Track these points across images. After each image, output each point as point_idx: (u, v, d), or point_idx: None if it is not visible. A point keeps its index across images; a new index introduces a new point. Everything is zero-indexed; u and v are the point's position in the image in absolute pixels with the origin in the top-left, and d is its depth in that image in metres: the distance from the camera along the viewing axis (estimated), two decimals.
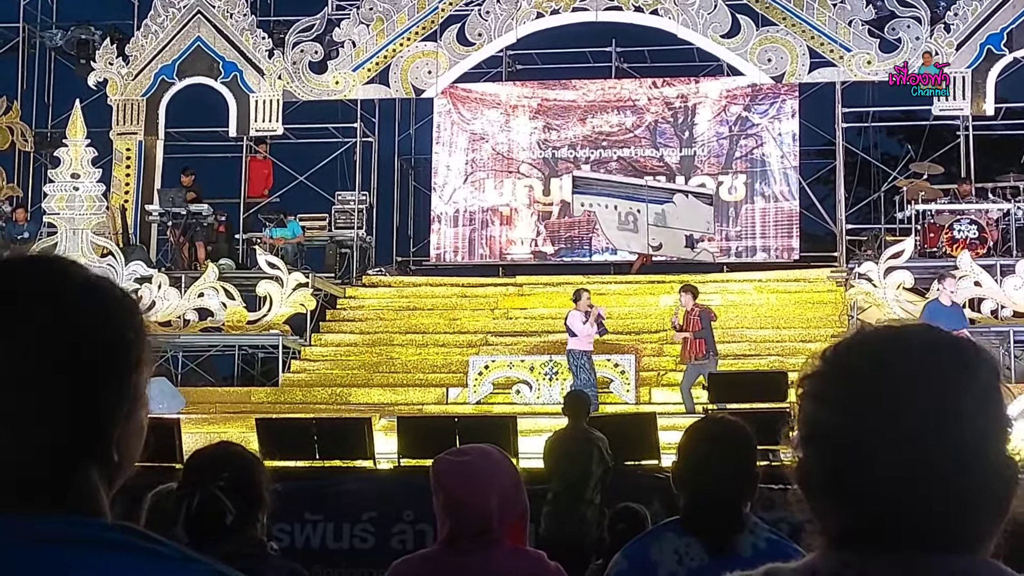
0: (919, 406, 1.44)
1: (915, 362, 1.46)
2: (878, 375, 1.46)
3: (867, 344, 1.51)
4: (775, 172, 23.62)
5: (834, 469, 1.47)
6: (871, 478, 1.44)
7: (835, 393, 1.49)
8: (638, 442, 12.66)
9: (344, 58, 23.72)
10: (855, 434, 1.45)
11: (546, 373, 18.37)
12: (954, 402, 1.44)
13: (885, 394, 1.45)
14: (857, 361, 1.50)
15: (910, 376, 1.45)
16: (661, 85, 24.40)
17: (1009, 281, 19.26)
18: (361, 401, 19.12)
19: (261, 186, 24.32)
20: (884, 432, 1.44)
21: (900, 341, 1.51)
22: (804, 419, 1.52)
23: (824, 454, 1.48)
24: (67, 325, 1.40)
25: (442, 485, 3.69)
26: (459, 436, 12.75)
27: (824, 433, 1.49)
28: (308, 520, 11.89)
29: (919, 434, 1.43)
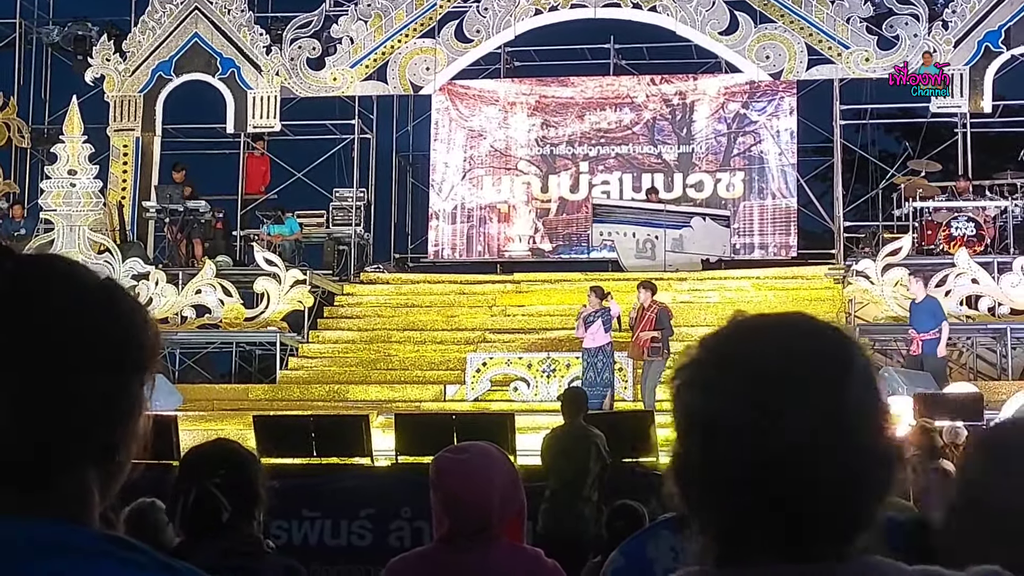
0: (799, 392, 1.44)
1: (795, 350, 1.47)
2: (758, 362, 1.46)
3: (747, 332, 1.52)
4: (773, 169, 23.63)
5: (714, 458, 1.46)
6: (751, 465, 1.43)
7: (715, 381, 1.48)
8: (636, 439, 12.66)
9: (342, 55, 23.70)
10: (735, 420, 1.44)
11: (544, 370, 18.36)
12: (833, 389, 1.45)
13: (765, 380, 1.45)
14: (736, 349, 1.49)
15: (789, 363, 1.46)
16: (659, 82, 24.40)
17: (1006, 278, 19.26)
18: (359, 398, 19.10)
19: (259, 183, 24.29)
20: (764, 418, 1.43)
21: (780, 329, 1.52)
22: (682, 409, 1.51)
23: (704, 443, 1.47)
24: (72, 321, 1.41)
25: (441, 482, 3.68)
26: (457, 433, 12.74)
27: (703, 422, 1.47)
28: (306, 517, 11.88)
29: (799, 420, 1.43)
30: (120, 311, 1.45)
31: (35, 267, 1.45)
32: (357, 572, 12.00)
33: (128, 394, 1.43)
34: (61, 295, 1.42)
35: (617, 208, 23.40)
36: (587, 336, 17.26)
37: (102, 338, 1.42)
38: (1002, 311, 19.23)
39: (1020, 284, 19.15)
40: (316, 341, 21.31)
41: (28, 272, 1.43)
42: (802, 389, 1.45)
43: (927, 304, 17.46)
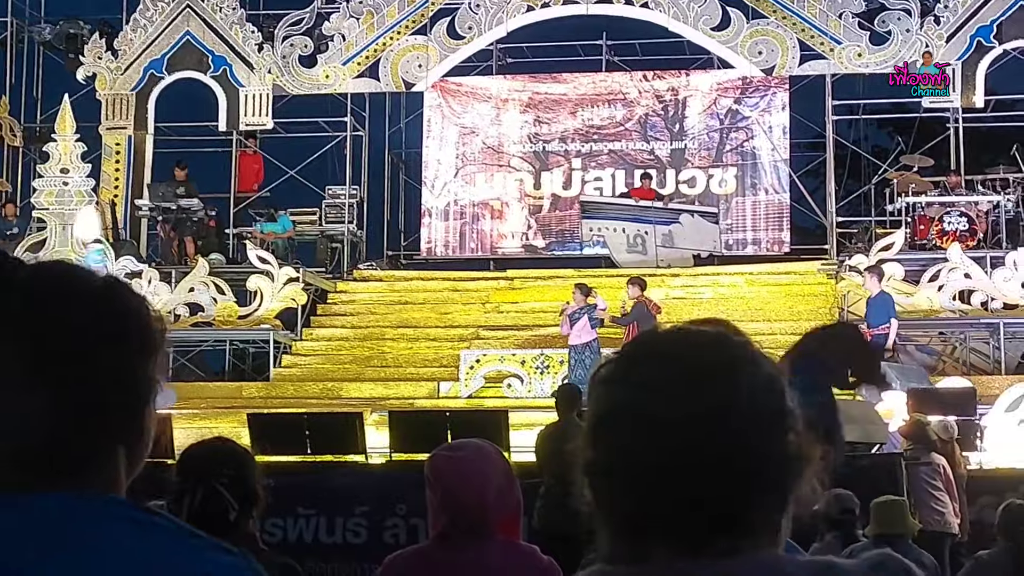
0: (695, 395, 1.51)
1: (692, 357, 1.55)
2: (661, 364, 1.55)
3: (658, 339, 1.62)
4: (765, 165, 23.64)
5: (618, 451, 1.53)
6: (654, 462, 1.50)
7: (622, 376, 1.57)
8: None
9: (334, 52, 23.69)
10: (635, 416, 1.52)
11: (537, 367, 18.38)
12: (726, 396, 1.52)
13: (665, 380, 1.53)
14: (644, 351, 1.59)
15: (687, 368, 1.54)
16: (652, 78, 24.40)
17: (999, 273, 19.30)
18: (352, 395, 19.11)
19: (251, 181, 24.27)
20: (661, 416, 1.50)
21: (686, 338, 1.60)
22: (592, 405, 1.60)
23: (610, 435, 1.55)
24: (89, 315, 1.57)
25: (437, 480, 3.68)
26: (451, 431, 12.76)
27: (610, 414, 1.56)
28: (301, 515, 11.87)
29: (695, 421, 1.50)
30: (128, 302, 1.60)
31: (47, 272, 1.61)
32: (352, 569, 12.00)
33: (145, 376, 1.59)
34: (74, 295, 1.57)
35: (606, 205, 23.40)
36: (572, 333, 17.30)
37: (117, 328, 1.57)
38: (995, 306, 19.26)
39: (1013, 279, 19.18)
40: (309, 339, 21.31)
41: (42, 277, 1.59)
42: (701, 391, 1.52)
43: (880, 299, 17.46)
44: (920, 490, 11.65)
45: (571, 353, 17.35)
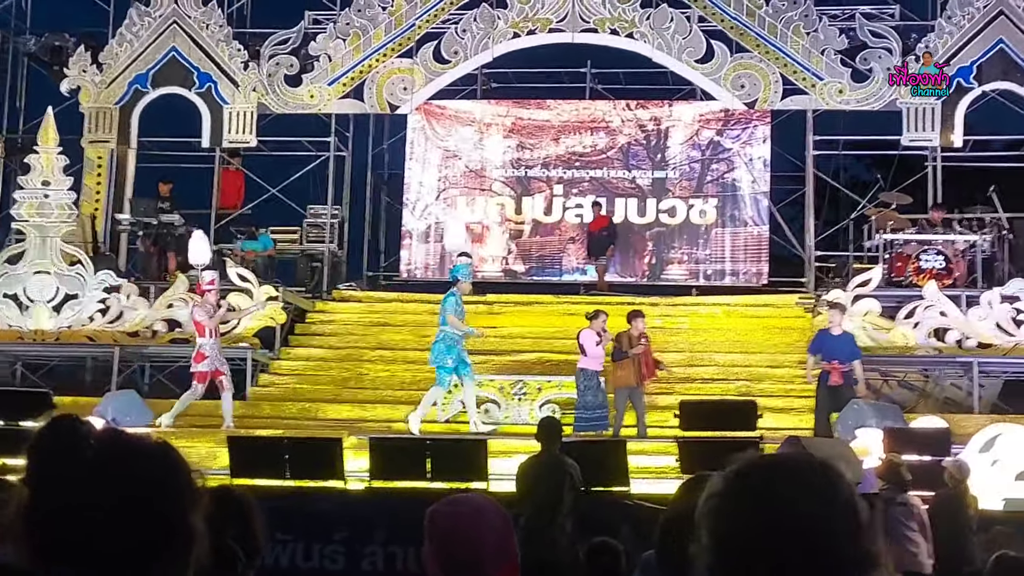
0: (796, 514, 1.93)
1: (793, 483, 1.97)
2: (767, 497, 1.96)
3: (760, 471, 2.02)
4: (746, 197, 23.80)
5: (725, 567, 1.94)
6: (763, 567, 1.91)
7: (737, 509, 1.97)
8: (607, 468, 12.75)
9: (320, 72, 23.75)
10: (753, 538, 1.93)
11: (515, 393, 18.45)
12: (822, 519, 1.93)
13: (772, 508, 1.95)
14: (752, 487, 1.99)
15: (790, 499, 1.95)
16: (635, 107, 24.56)
17: (974, 312, 19.46)
18: (330, 417, 19.13)
19: (233, 198, 24.30)
20: (771, 539, 1.92)
21: (783, 471, 2.02)
22: (710, 530, 1.98)
23: (719, 555, 1.95)
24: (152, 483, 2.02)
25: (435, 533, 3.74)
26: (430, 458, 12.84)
27: (722, 541, 1.96)
28: (279, 540, 11.92)
29: (797, 534, 1.92)
30: (179, 470, 2.05)
31: (112, 447, 2.04)
32: None
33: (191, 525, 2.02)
34: (136, 466, 2.01)
35: None
36: (593, 359, 17.25)
37: (171, 491, 2.02)
38: (969, 344, 19.42)
39: (988, 318, 19.35)
40: (287, 358, 21.31)
41: (108, 453, 2.02)
42: (800, 522, 1.93)
43: (847, 337, 17.51)
44: (895, 531, 11.74)
45: (588, 378, 17.30)
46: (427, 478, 12.78)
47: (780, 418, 17.84)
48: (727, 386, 19.20)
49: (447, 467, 12.81)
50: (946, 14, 22.40)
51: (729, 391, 18.93)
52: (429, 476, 12.77)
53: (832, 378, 16.92)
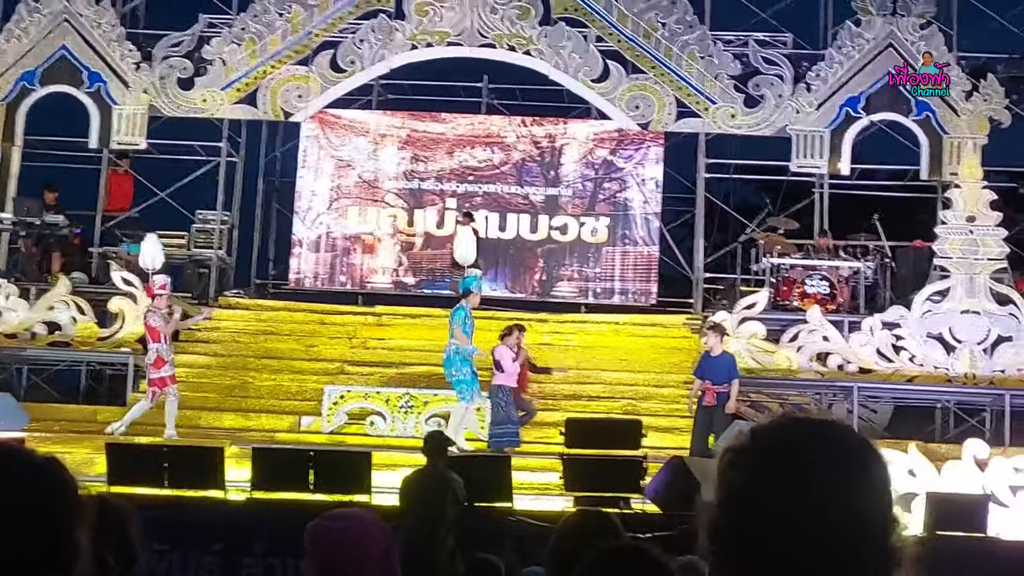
0: (822, 485, 1.77)
1: (825, 452, 1.81)
2: (792, 458, 1.81)
3: (789, 429, 1.86)
4: (637, 217, 23.98)
5: (743, 527, 1.79)
6: (773, 537, 1.76)
7: (755, 463, 1.82)
8: (491, 484, 12.73)
9: (213, 76, 23.47)
10: (767, 499, 1.78)
11: (401, 406, 18.37)
12: (848, 488, 1.79)
13: (795, 472, 1.79)
14: (777, 442, 1.84)
15: (819, 462, 1.80)
16: (530, 124, 24.64)
17: (856, 337, 19.81)
18: (212, 425, 18.89)
19: (121, 201, 23.92)
20: (789, 501, 1.77)
21: (812, 432, 1.85)
22: (725, 483, 1.84)
23: (737, 514, 1.80)
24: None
25: (316, 549, 3.70)
26: (314, 469, 12.72)
27: (741, 498, 1.81)
28: (154, 550, 11.69)
29: (817, 507, 1.76)
30: (67, 485, 2.05)
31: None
32: None
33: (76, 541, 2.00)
34: (24, 482, 1.99)
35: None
36: (510, 375, 17.23)
37: (59, 507, 2.00)
38: (850, 369, 19.76)
39: (868, 344, 19.71)
40: None
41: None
42: (825, 484, 1.78)
43: (725, 358, 17.74)
44: None
45: (501, 395, 17.29)
46: (310, 490, 12.65)
47: (664, 438, 17.96)
48: (613, 404, 19.30)
49: (330, 479, 12.69)
50: (837, 44, 22.81)
51: (615, 409, 19.04)
52: (312, 488, 12.64)
53: (706, 399, 17.15)
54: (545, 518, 12.38)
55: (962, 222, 19.84)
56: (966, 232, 19.78)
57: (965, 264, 19.64)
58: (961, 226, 19.83)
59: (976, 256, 19.71)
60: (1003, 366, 19.46)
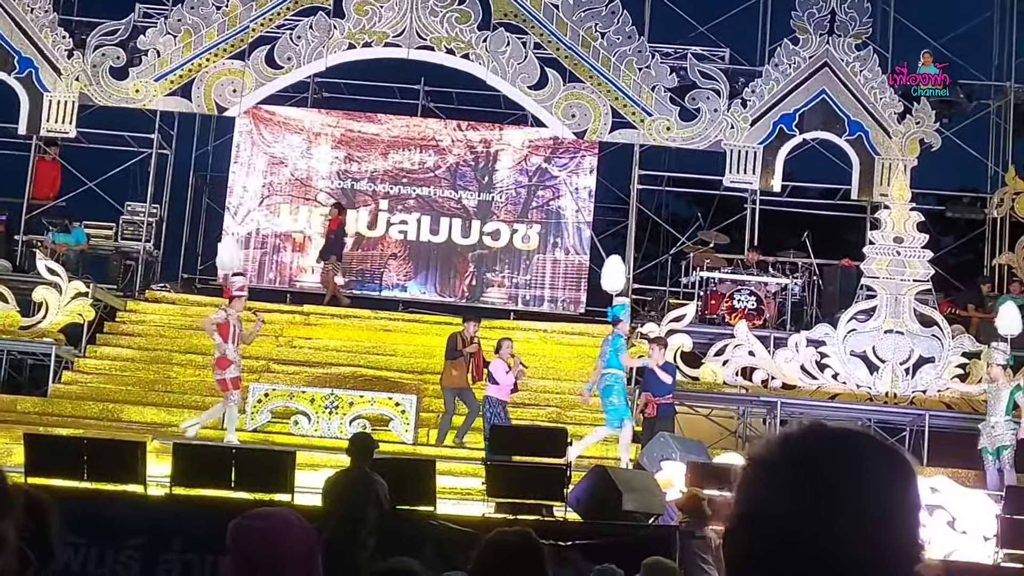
0: (845, 498, 1.69)
1: (845, 463, 1.73)
2: (819, 476, 1.71)
3: (816, 445, 1.76)
4: (569, 225, 24.03)
5: (763, 541, 1.71)
6: (793, 553, 1.68)
7: (780, 476, 1.73)
8: (415, 488, 12.69)
9: (147, 67, 23.22)
10: (789, 517, 1.69)
11: (326, 406, 18.27)
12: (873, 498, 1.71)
13: (818, 493, 1.70)
14: (805, 460, 1.74)
15: (840, 474, 1.72)
16: (465, 128, 24.62)
17: (781, 353, 19.95)
18: (133, 419, 18.72)
19: (48, 188, 23.59)
20: (813, 518, 1.68)
21: (842, 444, 1.76)
22: (747, 498, 1.75)
23: (757, 528, 1.72)
24: None
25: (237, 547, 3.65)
26: (235, 467, 12.62)
27: (762, 512, 1.72)
28: (70, 543, 11.53)
29: (844, 526, 1.68)
30: None
31: None
32: None
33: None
34: None
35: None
36: (504, 387, 17.33)
37: None
38: (775, 384, 19.90)
39: (793, 360, 19.86)
40: (93, 356, 20.77)
41: None
42: (852, 496, 1.70)
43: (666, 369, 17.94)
44: (691, 563, 11.93)
45: (488, 404, 17.33)
46: (231, 487, 12.54)
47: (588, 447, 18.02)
48: (538, 412, 19.32)
49: (252, 478, 12.60)
50: (773, 61, 22.98)
51: (540, 417, 19.06)
52: (233, 486, 12.54)
53: (647, 410, 17.32)
54: (467, 523, 12.37)
55: (890, 242, 20.06)
56: (893, 253, 20.00)
57: (891, 284, 19.85)
58: (888, 246, 20.04)
59: (902, 277, 19.94)
60: (924, 386, 19.69)
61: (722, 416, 20.68)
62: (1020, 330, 18.82)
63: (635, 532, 12.30)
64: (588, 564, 11.73)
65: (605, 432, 17.26)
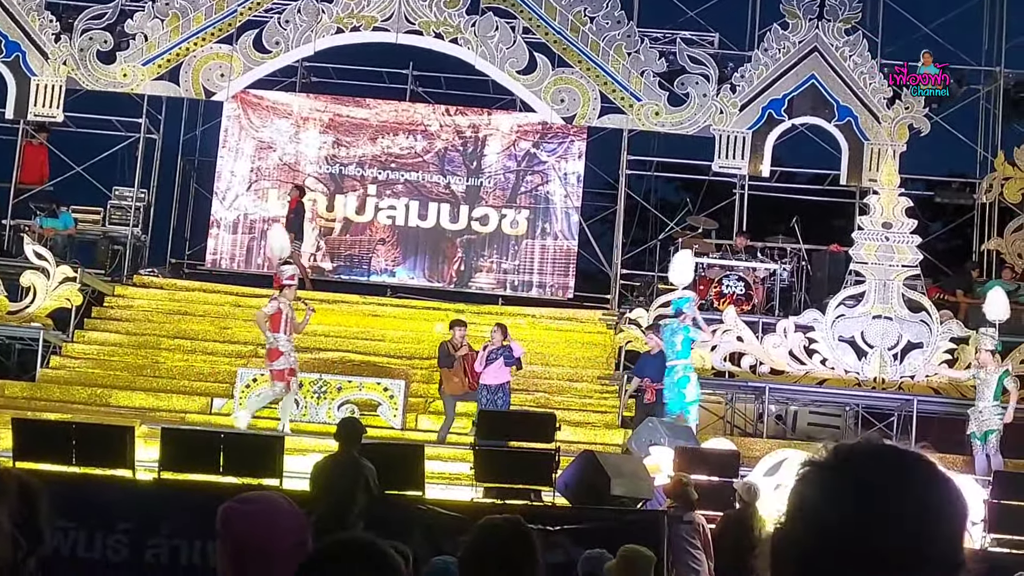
0: (893, 513, 1.75)
1: (902, 481, 1.79)
2: (871, 484, 1.78)
3: (871, 455, 1.83)
4: (557, 210, 24.03)
5: (809, 543, 1.77)
6: (839, 557, 1.74)
7: (834, 487, 1.80)
8: (404, 472, 12.69)
9: (134, 51, 23.14)
10: (838, 521, 1.75)
11: (315, 391, 18.27)
12: (919, 508, 1.77)
13: (868, 499, 1.77)
14: (860, 467, 1.81)
15: (894, 491, 1.78)
16: (454, 113, 24.58)
17: (769, 339, 19.97)
18: (122, 404, 18.69)
19: (36, 174, 23.48)
20: (855, 523, 1.74)
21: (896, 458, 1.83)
22: (800, 498, 1.83)
23: (806, 529, 1.78)
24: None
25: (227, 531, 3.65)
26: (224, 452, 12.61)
27: (812, 513, 1.79)
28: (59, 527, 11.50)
29: (884, 534, 1.74)
30: None
31: None
32: None
33: None
34: None
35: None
36: (488, 372, 17.28)
37: None
38: (763, 370, 19.92)
39: (782, 345, 19.88)
40: (81, 341, 20.73)
41: None
42: (901, 507, 1.76)
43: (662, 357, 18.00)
44: (679, 547, 11.97)
45: (484, 392, 17.30)
46: (219, 472, 12.53)
47: (577, 432, 18.06)
48: (526, 397, 19.33)
49: (240, 462, 12.58)
50: (763, 46, 22.95)
51: (528, 402, 19.07)
52: (222, 470, 12.53)
53: (646, 396, 17.39)
54: (455, 508, 12.38)
55: (878, 228, 20.08)
56: (882, 238, 20.02)
57: (880, 270, 19.87)
58: (877, 232, 20.06)
59: (891, 262, 19.96)
60: (912, 371, 19.73)
61: (710, 402, 20.66)
62: (1008, 315, 18.87)
63: (623, 517, 12.32)
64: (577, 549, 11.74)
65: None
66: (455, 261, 24.09)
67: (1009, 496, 13.97)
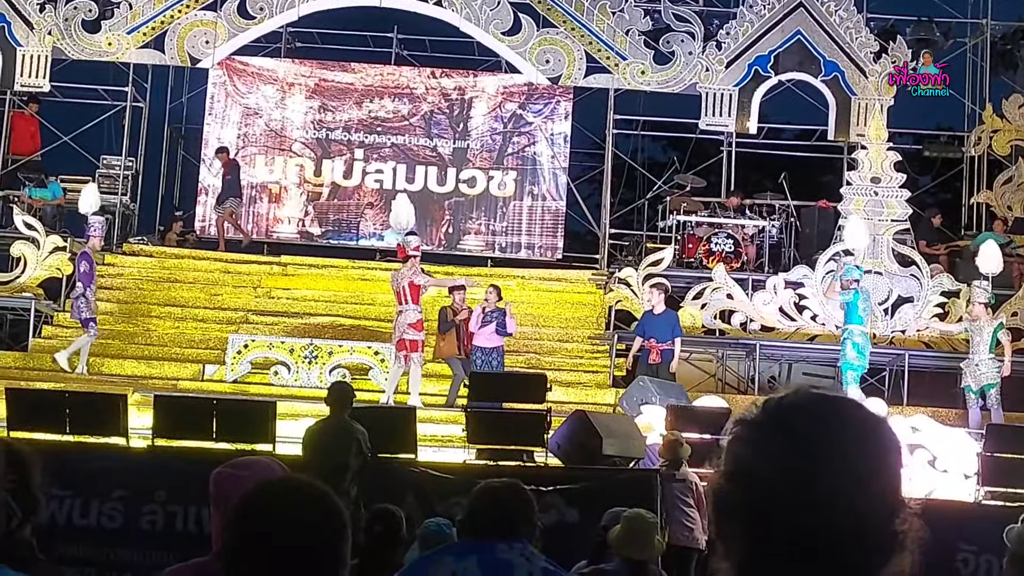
0: (828, 464, 1.74)
1: (832, 430, 1.78)
2: (802, 437, 1.77)
3: (800, 407, 1.82)
4: (545, 171, 24.02)
5: (751, 501, 1.76)
6: (773, 512, 1.74)
7: (761, 436, 1.79)
8: (396, 435, 12.76)
9: (119, 19, 23.06)
10: (772, 476, 1.75)
11: (306, 356, 18.31)
12: (857, 457, 1.75)
13: (801, 448, 1.75)
14: (789, 421, 1.80)
15: (827, 434, 1.77)
16: (439, 76, 24.53)
17: (759, 296, 20.04)
18: (114, 372, 18.73)
19: (27, 144, 23.37)
20: (791, 477, 1.74)
21: (825, 408, 1.82)
22: (733, 457, 1.81)
23: (746, 488, 1.78)
24: None
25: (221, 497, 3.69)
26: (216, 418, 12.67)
27: (749, 472, 1.78)
28: (55, 495, 11.57)
29: (821, 487, 1.73)
30: None
31: None
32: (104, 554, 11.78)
33: None
34: None
35: None
36: (481, 334, 17.30)
37: None
38: (753, 327, 19.99)
39: (772, 302, 19.95)
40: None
41: None
42: (833, 456, 1.75)
43: (668, 316, 18.07)
44: (672, 506, 12.03)
45: (478, 353, 17.32)
46: (212, 439, 12.59)
47: (568, 392, 18.13)
48: (517, 358, 19.38)
49: (233, 428, 12.65)
50: (748, 2, 22.90)
51: (519, 363, 19.13)
52: (215, 437, 12.59)
53: (651, 356, 17.46)
54: (448, 470, 12.45)
55: (867, 183, 20.12)
56: (871, 193, 20.06)
57: (869, 225, 19.92)
58: (866, 187, 20.10)
59: (880, 217, 20.00)
60: (903, 326, 19.81)
61: (701, 359, 20.75)
62: (1001, 268, 18.91)
63: (615, 476, 12.39)
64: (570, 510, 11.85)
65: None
66: (443, 224, 24.11)
67: (1002, 449, 14.03)
